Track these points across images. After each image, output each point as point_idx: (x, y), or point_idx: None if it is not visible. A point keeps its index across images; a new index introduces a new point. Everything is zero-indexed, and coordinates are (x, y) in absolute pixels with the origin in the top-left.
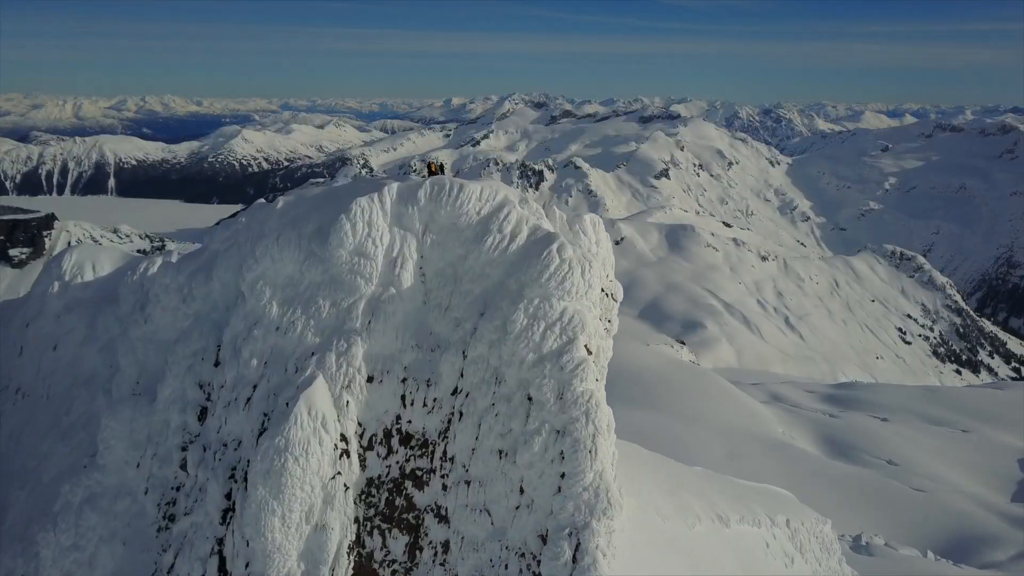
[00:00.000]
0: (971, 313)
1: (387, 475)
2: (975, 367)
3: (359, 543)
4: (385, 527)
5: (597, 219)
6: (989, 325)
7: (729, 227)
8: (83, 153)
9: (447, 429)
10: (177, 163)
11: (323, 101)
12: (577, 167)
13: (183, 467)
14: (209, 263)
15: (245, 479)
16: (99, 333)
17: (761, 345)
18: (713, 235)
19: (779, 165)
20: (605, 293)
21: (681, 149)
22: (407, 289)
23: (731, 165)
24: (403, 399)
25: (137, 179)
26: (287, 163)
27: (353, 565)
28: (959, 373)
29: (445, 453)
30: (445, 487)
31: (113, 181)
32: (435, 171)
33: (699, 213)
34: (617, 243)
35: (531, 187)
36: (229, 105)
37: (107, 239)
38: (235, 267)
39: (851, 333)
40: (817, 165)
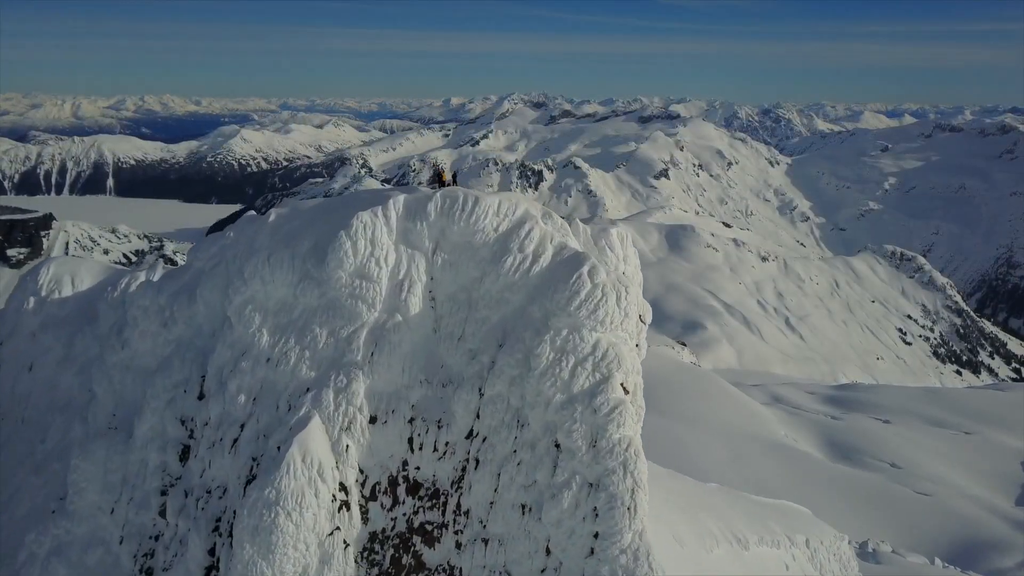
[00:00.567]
0: (971, 314)
1: (392, 529)
2: (975, 368)
3: None
4: None
5: (625, 233)
6: (989, 326)
7: (729, 227)
8: (82, 153)
9: (461, 478)
10: (176, 163)
11: (322, 101)
12: (577, 167)
13: (162, 513)
14: (193, 283)
15: (231, 533)
16: (77, 354)
17: (761, 346)
18: (713, 235)
19: (778, 165)
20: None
21: (681, 149)
22: (415, 316)
23: (730, 165)
24: (411, 442)
25: (136, 179)
26: (286, 163)
27: None
28: (959, 374)
29: (459, 506)
30: (459, 545)
31: (112, 181)
32: (445, 181)
33: (699, 213)
34: None
35: (530, 187)
36: (228, 105)
37: (105, 239)
38: (221, 288)
39: (851, 334)
40: (816, 165)
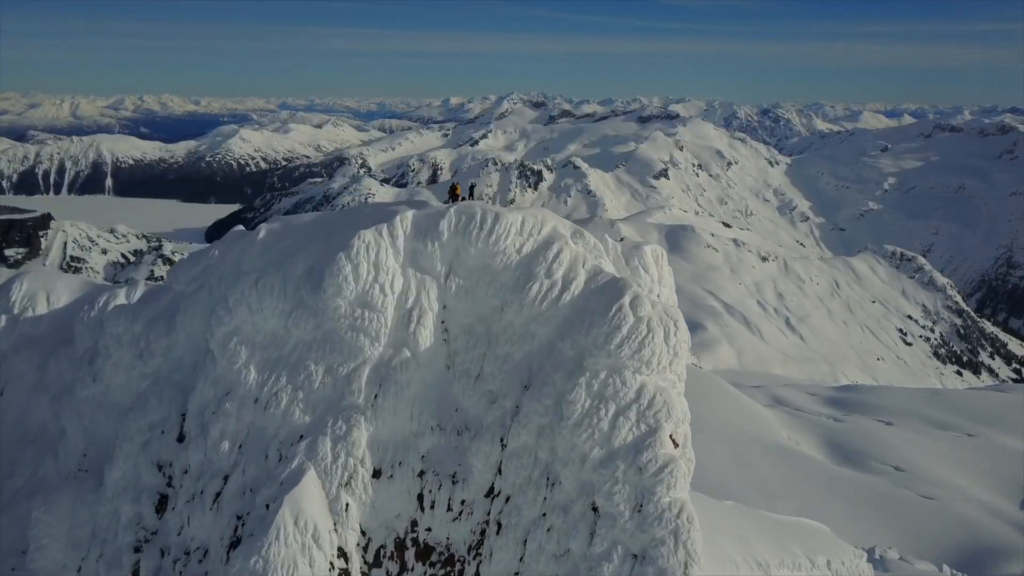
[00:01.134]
0: (972, 314)
1: None
2: (976, 368)
3: None
4: None
5: (660, 251)
6: (990, 326)
7: (729, 227)
8: (80, 152)
9: (480, 543)
10: (174, 163)
11: (321, 100)
12: (576, 167)
13: (136, 573)
14: (172, 309)
15: None
16: (51, 380)
17: (761, 346)
18: (713, 235)
19: (778, 165)
20: None
21: (680, 149)
22: (425, 351)
23: (730, 165)
24: (420, 500)
25: (134, 178)
26: (285, 162)
27: None
28: (960, 374)
29: None
30: None
31: (110, 181)
32: (460, 196)
33: (698, 213)
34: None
35: (530, 187)
36: (227, 104)
37: (104, 239)
38: (203, 315)
39: (852, 334)
40: (816, 165)
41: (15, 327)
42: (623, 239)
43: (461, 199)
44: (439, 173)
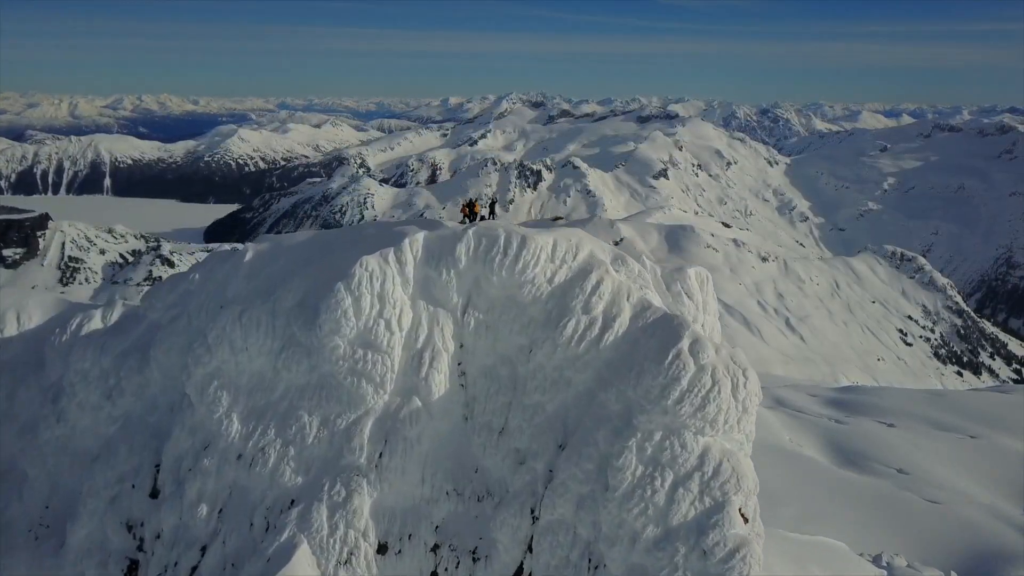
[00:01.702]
0: (972, 314)
1: None
2: (976, 369)
3: None
4: None
5: (705, 274)
6: (990, 326)
7: (728, 227)
8: (79, 152)
9: None
10: (173, 162)
11: (320, 100)
12: (575, 167)
13: None
14: (145, 341)
15: None
16: (19, 410)
17: (761, 347)
18: (713, 236)
19: (777, 165)
20: None
21: (680, 149)
22: (439, 400)
23: (729, 165)
24: None
25: (133, 178)
26: (284, 162)
27: None
28: (960, 375)
29: None
30: None
31: (109, 180)
32: (479, 214)
33: (698, 213)
34: (616, 244)
35: (529, 187)
36: (226, 104)
37: (102, 239)
38: (181, 349)
39: (852, 334)
40: (815, 165)
41: None
42: (623, 239)
43: (480, 218)
44: (438, 173)
